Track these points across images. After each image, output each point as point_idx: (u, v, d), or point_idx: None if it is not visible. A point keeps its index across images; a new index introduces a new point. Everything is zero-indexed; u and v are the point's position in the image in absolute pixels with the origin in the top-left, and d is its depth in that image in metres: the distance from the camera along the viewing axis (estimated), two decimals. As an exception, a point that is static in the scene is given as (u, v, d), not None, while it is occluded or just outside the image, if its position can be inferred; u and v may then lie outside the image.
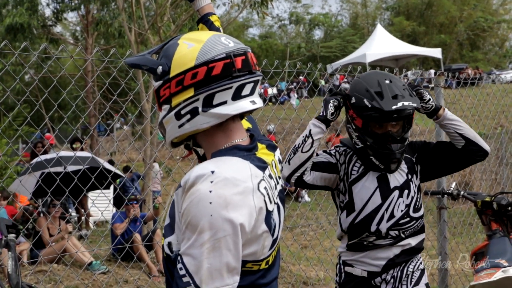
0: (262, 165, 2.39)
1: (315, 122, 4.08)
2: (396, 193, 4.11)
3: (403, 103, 3.82)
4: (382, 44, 37.42)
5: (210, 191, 2.15)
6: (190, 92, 2.31)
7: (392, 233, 4.06)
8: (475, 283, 4.87)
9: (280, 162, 2.64)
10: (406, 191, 4.13)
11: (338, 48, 54.84)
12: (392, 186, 4.10)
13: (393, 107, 3.81)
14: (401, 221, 4.06)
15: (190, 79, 2.30)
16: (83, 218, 13.64)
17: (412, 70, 34.88)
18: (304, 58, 46.46)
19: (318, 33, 62.29)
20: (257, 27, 63.61)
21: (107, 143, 26.20)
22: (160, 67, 2.34)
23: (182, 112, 2.33)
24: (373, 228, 4.04)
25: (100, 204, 13.53)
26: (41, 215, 10.69)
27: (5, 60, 15.64)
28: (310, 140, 4.05)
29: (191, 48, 2.34)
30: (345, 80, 31.17)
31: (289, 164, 4.08)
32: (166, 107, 2.37)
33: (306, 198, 17.91)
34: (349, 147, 4.24)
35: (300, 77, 28.45)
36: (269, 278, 2.46)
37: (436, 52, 39.33)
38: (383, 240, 4.06)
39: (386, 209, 4.05)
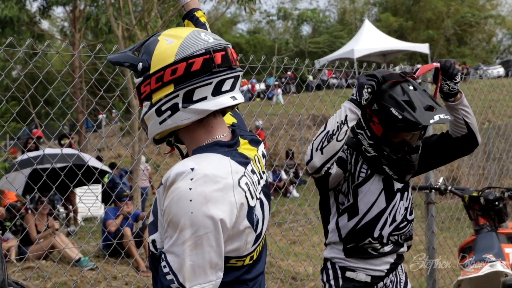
0: (243, 161, 2.39)
1: (351, 107, 3.62)
2: (399, 195, 3.92)
3: (439, 117, 3.54)
4: (370, 39, 37.42)
5: (190, 189, 2.16)
6: (170, 88, 2.32)
7: (392, 238, 3.90)
8: (462, 278, 4.89)
9: (264, 156, 2.63)
10: (406, 193, 3.97)
11: (326, 44, 54.81)
12: (395, 188, 3.91)
13: (431, 121, 3.52)
14: (401, 225, 3.90)
15: (169, 75, 2.31)
16: (71, 214, 13.60)
17: (400, 66, 34.93)
18: (292, 54, 46.43)
19: (306, 29, 62.22)
20: (245, 23, 63.50)
21: (95, 139, 26.11)
22: (141, 64, 2.34)
23: (163, 108, 2.33)
24: (376, 233, 3.85)
25: (88, 200, 13.49)
26: (29, 211, 10.65)
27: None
28: (345, 128, 3.58)
29: (171, 44, 2.34)
30: (333, 75, 31.21)
31: (322, 153, 3.62)
32: (147, 103, 2.37)
33: (295, 193, 17.93)
34: (351, 147, 3.95)
35: (288, 73, 28.44)
36: (254, 273, 2.45)
37: (423, 48, 39.39)
38: (385, 246, 3.89)
39: (390, 213, 3.86)
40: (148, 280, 8.59)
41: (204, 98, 2.33)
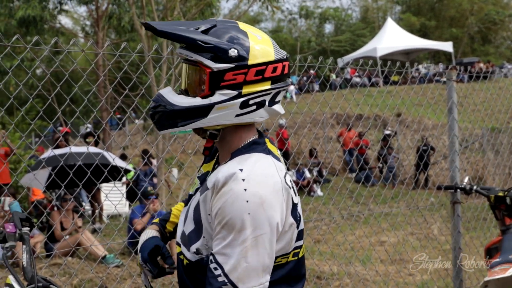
0: (278, 157, 2.39)
1: None
2: None
3: None
4: (392, 38, 37.27)
5: (245, 190, 2.15)
6: (267, 85, 2.30)
7: None
8: (489, 279, 4.86)
9: None
10: None
11: (348, 42, 54.62)
12: None
13: None
14: None
15: (270, 72, 2.30)
16: (96, 211, 13.68)
17: (423, 64, 34.75)
18: (314, 52, 46.34)
19: (328, 27, 62.05)
20: (267, 22, 63.39)
21: (119, 137, 26.24)
22: (236, 51, 2.26)
23: (250, 102, 2.29)
24: None
25: (114, 197, 13.56)
26: (55, 208, 10.73)
27: (17, 54, 15.70)
28: None
29: (262, 40, 2.34)
30: (356, 74, 31.09)
31: None
32: (227, 92, 2.28)
33: (319, 192, 17.89)
34: None
35: (311, 71, 28.36)
36: (298, 272, 2.44)
37: (447, 46, 39.16)
38: None
39: None
40: (173, 277, 8.62)
41: (278, 102, 2.37)
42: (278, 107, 2.38)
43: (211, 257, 2.19)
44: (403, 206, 10.51)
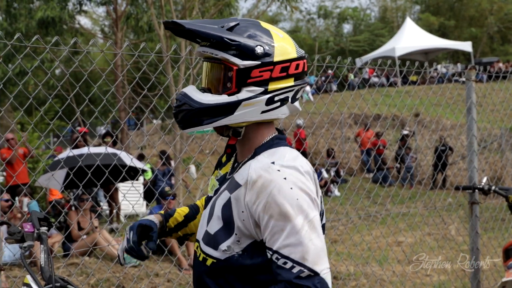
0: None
1: None
2: None
3: None
4: (411, 37, 37.08)
5: (285, 178, 2.18)
6: (290, 81, 2.34)
7: None
8: (507, 279, 4.84)
9: None
10: None
11: (366, 42, 54.47)
12: None
13: None
14: None
15: (294, 69, 2.33)
16: (114, 211, 13.74)
17: (442, 64, 34.58)
18: (332, 52, 46.30)
19: (347, 27, 61.94)
20: (286, 22, 63.33)
21: (137, 137, 26.33)
22: (262, 48, 2.29)
23: (276, 98, 2.32)
24: None
25: (131, 197, 13.60)
26: (73, 208, 10.78)
27: (36, 55, 15.78)
28: None
29: (283, 38, 2.37)
30: (375, 74, 31.01)
31: None
32: (253, 89, 2.30)
33: (336, 192, 17.85)
34: None
35: (329, 71, 28.30)
36: None
37: (466, 46, 38.93)
38: None
39: None
40: (190, 278, 8.64)
41: (298, 99, 2.41)
42: (298, 104, 2.42)
43: (274, 256, 2.18)
44: (420, 206, 10.47)
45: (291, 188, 2.17)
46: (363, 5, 71.20)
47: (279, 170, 2.19)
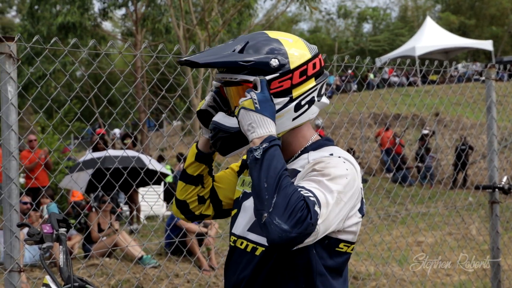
0: None
1: None
2: None
3: None
4: (431, 36, 36.91)
5: (344, 162, 2.25)
6: (312, 82, 2.38)
7: None
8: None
9: None
10: None
11: (386, 42, 54.28)
12: None
13: None
14: None
15: (312, 69, 2.37)
16: (134, 213, 13.78)
17: (462, 63, 34.39)
18: (352, 52, 46.17)
19: (366, 27, 61.76)
20: (305, 22, 63.29)
21: (157, 138, 26.41)
22: (277, 60, 2.32)
23: (302, 102, 2.36)
24: None
25: (150, 199, 13.63)
26: (93, 210, 10.83)
27: (56, 57, 15.88)
28: None
29: (294, 42, 2.41)
30: (394, 73, 30.88)
31: None
32: (279, 100, 2.33)
33: (355, 192, 17.77)
34: None
35: (349, 71, 28.23)
36: (346, 269, 2.48)
37: (487, 45, 38.69)
38: None
39: None
40: (210, 278, 8.65)
41: (324, 94, 2.45)
42: (325, 99, 2.46)
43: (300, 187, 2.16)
44: (441, 206, 10.41)
45: (347, 169, 2.23)
46: (383, 5, 70.97)
47: (339, 157, 2.27)
